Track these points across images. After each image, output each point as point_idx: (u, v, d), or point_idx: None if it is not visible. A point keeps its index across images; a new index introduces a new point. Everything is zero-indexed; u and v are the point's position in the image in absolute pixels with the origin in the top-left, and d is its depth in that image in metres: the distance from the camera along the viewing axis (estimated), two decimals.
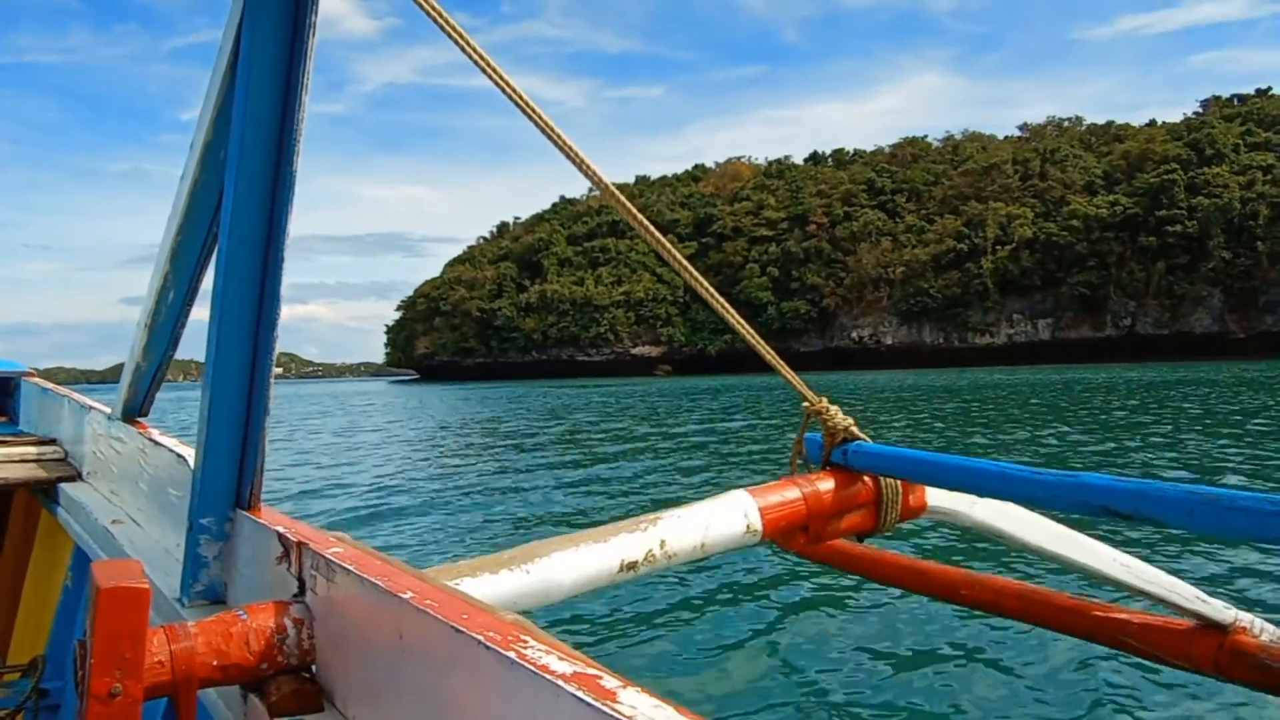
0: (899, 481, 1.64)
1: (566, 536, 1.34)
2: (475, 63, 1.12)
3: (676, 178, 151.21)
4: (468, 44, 1.11)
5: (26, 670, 2.09)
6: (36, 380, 3.52)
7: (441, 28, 1.10)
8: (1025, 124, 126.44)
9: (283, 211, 1.16)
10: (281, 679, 0.98)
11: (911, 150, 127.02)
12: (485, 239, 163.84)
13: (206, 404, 1.23)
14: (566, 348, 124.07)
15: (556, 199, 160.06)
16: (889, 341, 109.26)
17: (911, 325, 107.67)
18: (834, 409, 1.68)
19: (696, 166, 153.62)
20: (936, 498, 1.66)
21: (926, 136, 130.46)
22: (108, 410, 2.22)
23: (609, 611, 5.05)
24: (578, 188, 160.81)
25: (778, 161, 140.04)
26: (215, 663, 0.95)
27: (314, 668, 1.01)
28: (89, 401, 2.60)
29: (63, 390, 3.09)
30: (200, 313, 1.54)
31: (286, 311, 1.25)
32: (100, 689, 0.85)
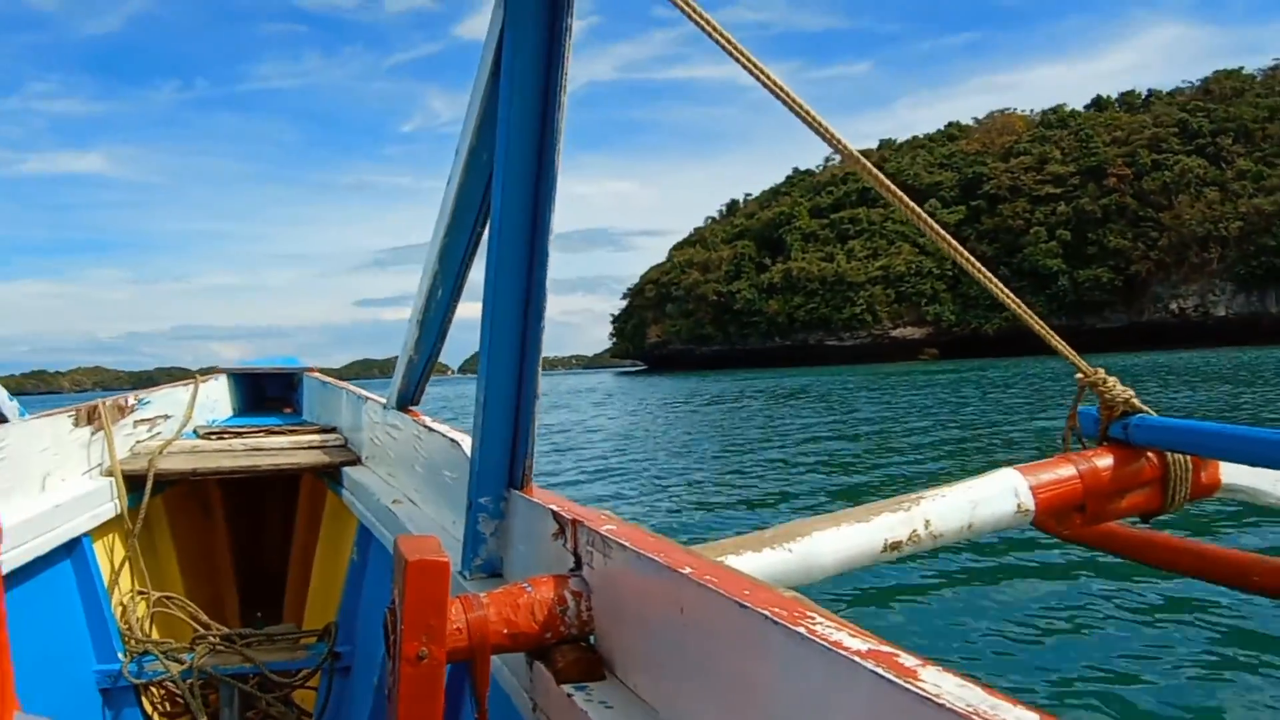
0: (1188, 457, 1.73)
1: (828, 515, 1.53)
2: (713, 38, 1.26)
3: (929, 138, 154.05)
4: (704, 19, 1.26)
5: (322, 635, 2.88)
6: (316, 375, 4.54)
7: (680, 8, 1.24)
8: None
9: (545, 210, 1.37)
10: (565, 647, 1.18)
11: (1230, 84, 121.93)
12: (714, 219, 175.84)
13: (482, 392, 1.48)
14: (815, 331, 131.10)
15: (790, 171, 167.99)
16: (1220, 313, 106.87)
17: (1252, 293, 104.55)
18: (1112, 380, 1.78)
19: (951, 124, 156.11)
20: (1232, 474, 1.76)
21: (1243, 68, 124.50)
22: (382, 400, 2.81)
23: (864, 588, 5.63)
24: (789, 166, 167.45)
25: (1054, 110, 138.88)
26: (505, 630, 1.16)
27: (592, 638, 1.21)
28: (364, 393, 3.32)
29: (340, 383, 3.94)
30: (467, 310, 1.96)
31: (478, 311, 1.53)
32: (410, 652, 1.05)
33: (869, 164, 1.51)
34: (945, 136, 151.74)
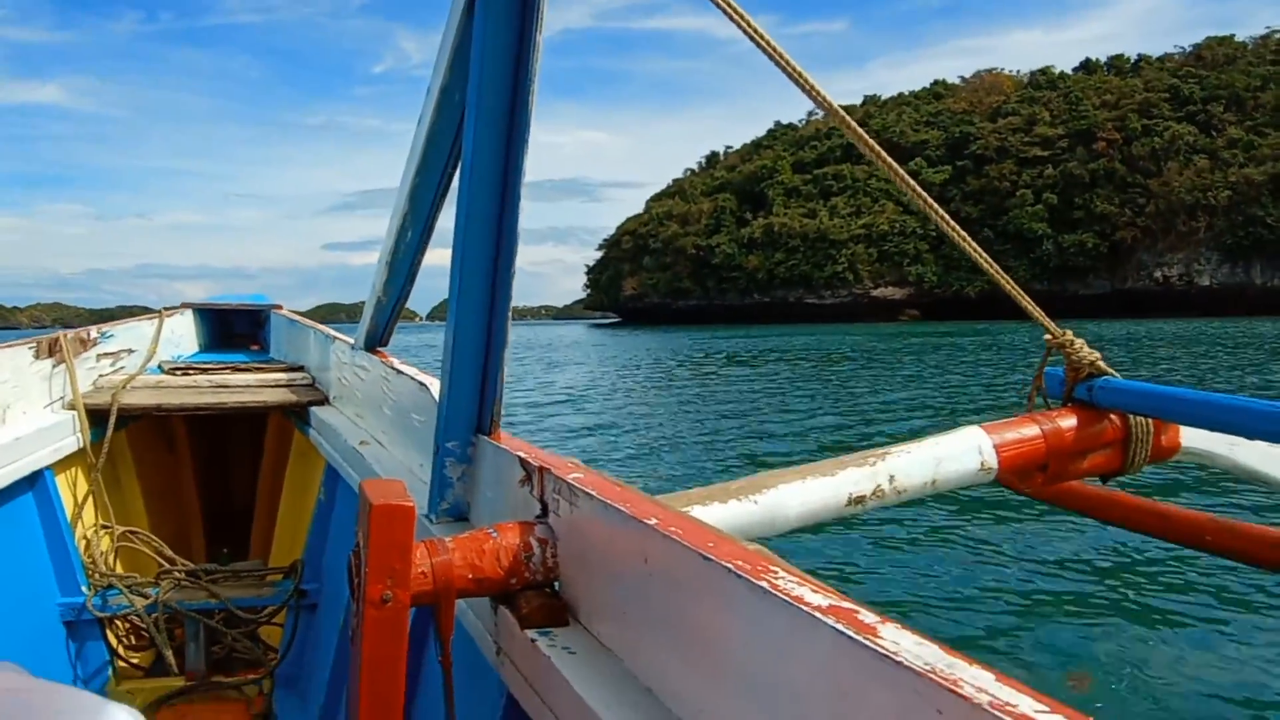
0: (1150, 420, 1.80)
1: (794, 469, 1.58)
2: None
3: (915, 95, 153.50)
4: None
5: (288, 573, 2.98)
6: (284, 312, 4.58)
7: None
8: None
9: (519, 152, 1.37)
10: (530, 593, 1.22)
11: (1223, 51, 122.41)
12: (693, 171, 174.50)
13: (450, 335, 1.51)
14: (795, 289, 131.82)
15: (771, 125, 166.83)
16: (1205, 282, 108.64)
17: (1237, 263, 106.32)
18: (1079, 342, 1.85)
19: (937, 83, 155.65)
20: (1192, 438, 1.83)
21: (1234, 36, 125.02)
22: (350, 340, 2.89)
23: (825, 541, 5.80)
24: (765, 121, 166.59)
25: (1043, 71, 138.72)
26: (470, 575, 1.19)
27: (557, 584, 1.25)
28: (332, 332, 3.37)
29: (308, 322, 3.98)
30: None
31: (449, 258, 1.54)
32: (374, 595, 1.08)
33: (850, 119, 1.53)
34: (931, 95, 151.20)
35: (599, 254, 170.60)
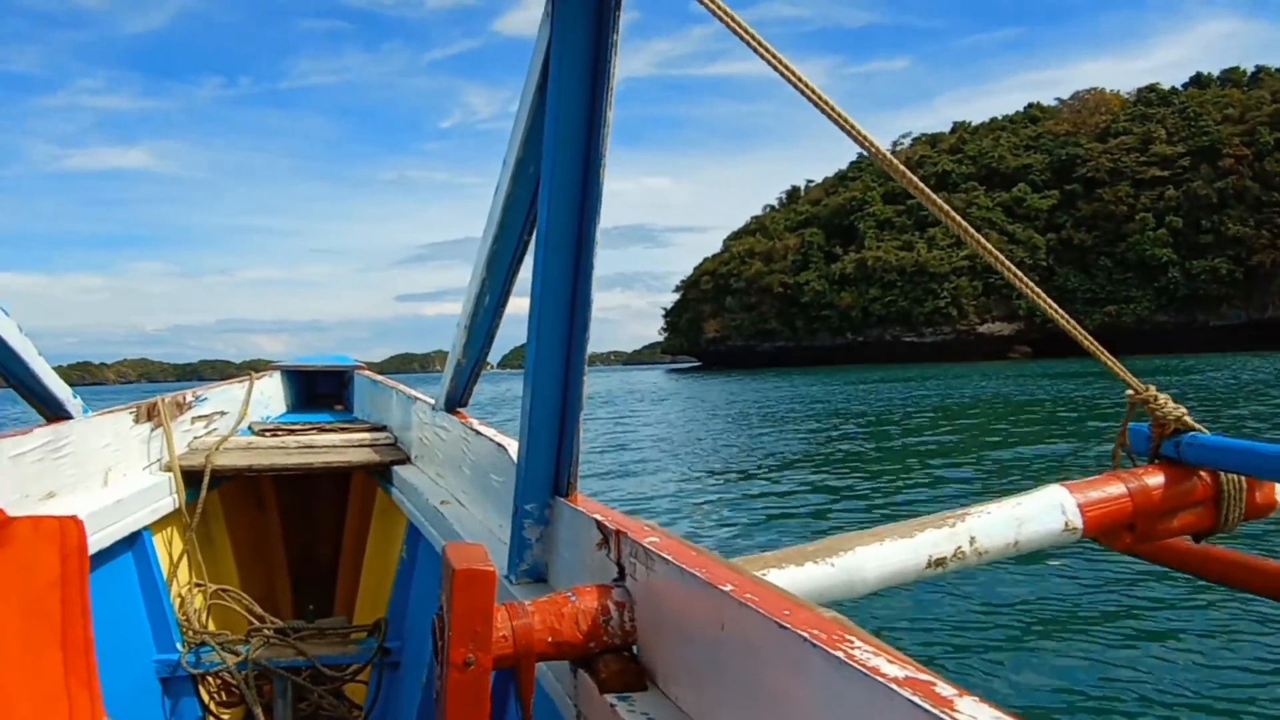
0: (1243, 477, 1.83)
1: (870, 531, 1.64)
2: (741, 37, 1.35)
3: (1009, 119, 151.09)
4: (731, 18, 1.34)
5: (372, 630, 3.14)
6: (367, 373, 4.90)
7: (707, 7, 1.32)
8: None
9: (591, 223, 1.49)
10: (608, 657, 1.27)
11: None
12: (773, 207, 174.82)
13: (528, 399, 1.61)
14: (892, 326, 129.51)
15: (855, 157, 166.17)
16: None
17: None
18: (1163, 397, 1.89)
19: (1032, 105, 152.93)
20: None
21: None
22: (431, 401, 3.09)
23: (910, 605, 5.78)
24: (828, 162, 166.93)
25: (1150, 88, 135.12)
26: (550, 639, 1.26)
27: (635, 648, 1.30)
28: (414, 393, 3.62)
29: (390, 382, 4.23)
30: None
31: (523, 306, 1.68)
32: (457, 658, 1.15)
33: (897, 161, 1.59)
34: (1027, 118, 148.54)
35: (672, 297, 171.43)
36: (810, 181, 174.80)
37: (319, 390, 5.48)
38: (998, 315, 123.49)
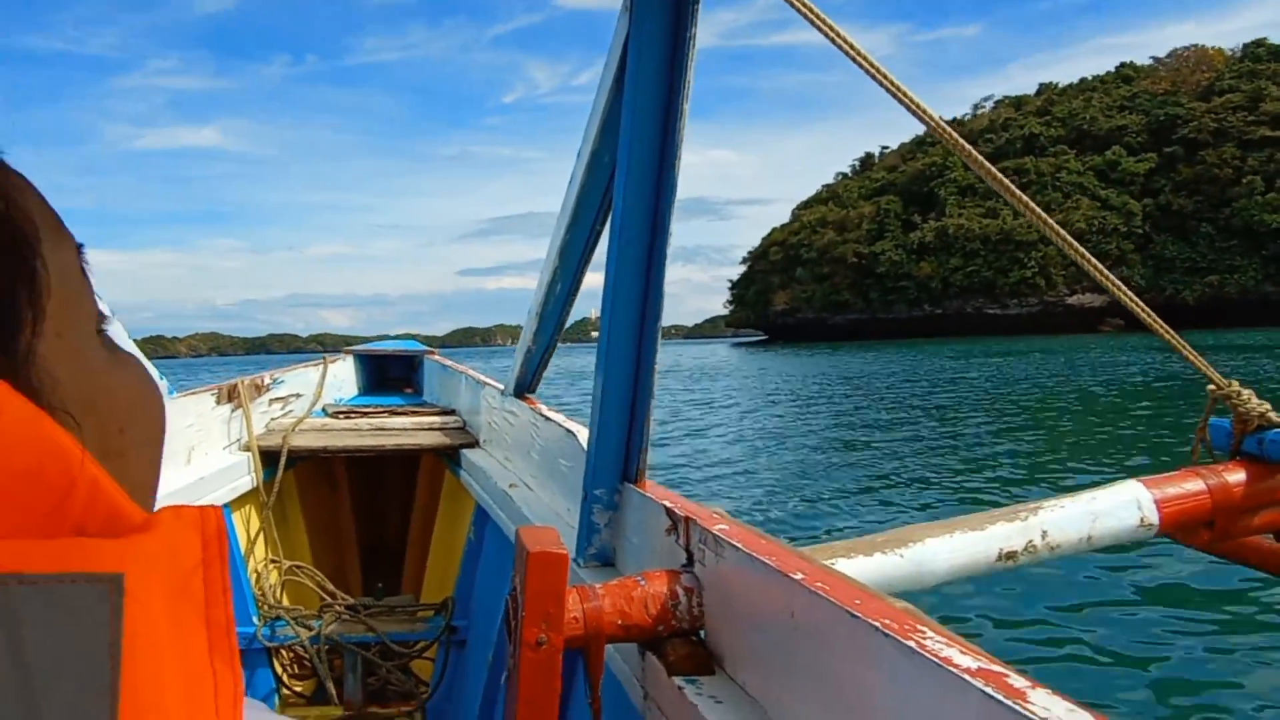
0: None
1: (941, 522, 1.68)
2: (797, 8, 1.36)
3: (1100, 79, 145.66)
4: None
5: (439, 609, 3.34)
6: (437, 358, 5.07)
7: None
8: None
9: (665, 215, 1.56)
10: (676, 641, 1.33)
11: None
12: (846, 175, 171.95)
13: (599, 386, 1.70)
14: (974, 298, 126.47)
15: (939, 116, 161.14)
16: None
17: None
18: (1247, 392, 1.89)
19: (1124, 65, 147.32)
20: None
21: None
22: (500, 386, 3.26)
23: (977, 594, 5.89)
24: (897, 136, 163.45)
25: (1258, 43, 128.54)
26: (620, 622, 1.32)
27: (702, 633, 1.36)
28: (483, 377, 3.77)
29: (459, 367, 4.41)
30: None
31: (592, 279, 1.84)
32: (530, 638, 1.22)
33: (956, 135, 1.59)
34: (1119, 78, 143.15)
35: (734, 270, 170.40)
36: (885, 148, 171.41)
37: (390, 374, 5.73)
38: (1088, 286, 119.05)
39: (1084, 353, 40.38)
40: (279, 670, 3.32)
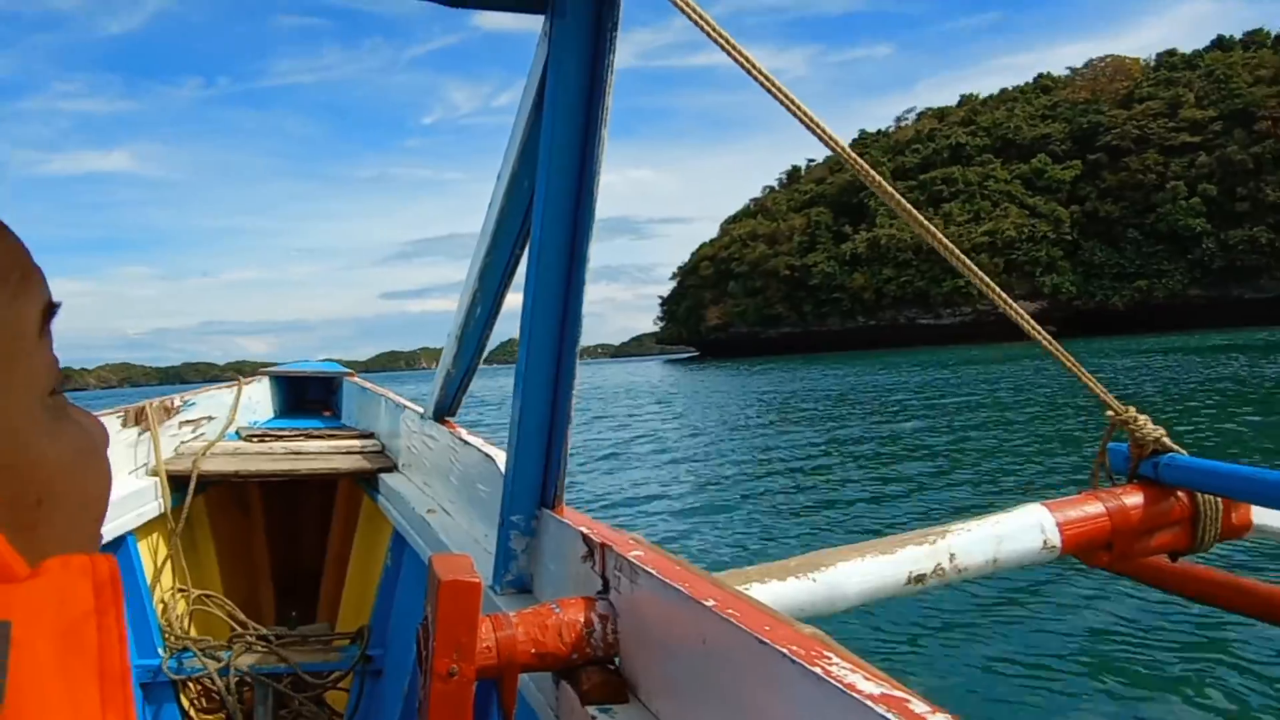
0: (1219, 498, 1.96)
1: (852, 546, 1.77)
2: (707, 34, 1.46)
3: (1020, 90, 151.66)
4: (700, 16, 1.45)
5: (355, 638, 3.32)
6: (356, 380, 5.14)
7: (677, 6, 1.43)
8: None
9: (584, 240, 1.61)
10: (591, 669, 1.36)
11: None
12: (773, 188, 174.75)
13: (517, 411, 1.72)
14: (908, 308, 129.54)
15: (855, 134, 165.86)
16: None
17: None
18: (1143, 418, 2.01)
19: (1042, 76, 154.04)
20: (1264, 516, 2.00)
21: None
22: (419, 409, 3.25)
23: (890, 620, 6.13)
24: (810, 152, 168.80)
25: (1170, 52, 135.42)
26: (533, 650, 1.34)
27: (617, 660, 1.39)
28: (403, 400, 3.82)
29: (379, 389, 4.44)
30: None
31: (513, 299, 1.89)
32: (441, 668, 1.23)
33: (857, 157, 1.71)
34: (1038, 88, 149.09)
35: (660, 288, 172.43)
36: (811, 160, 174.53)
37: (308, 396, 5.68)
38: (1020, 294, 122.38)
39: (1009, 365, 41.54)
40: (185, 704, 3.27)
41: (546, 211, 1.62)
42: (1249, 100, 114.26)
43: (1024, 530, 1.86)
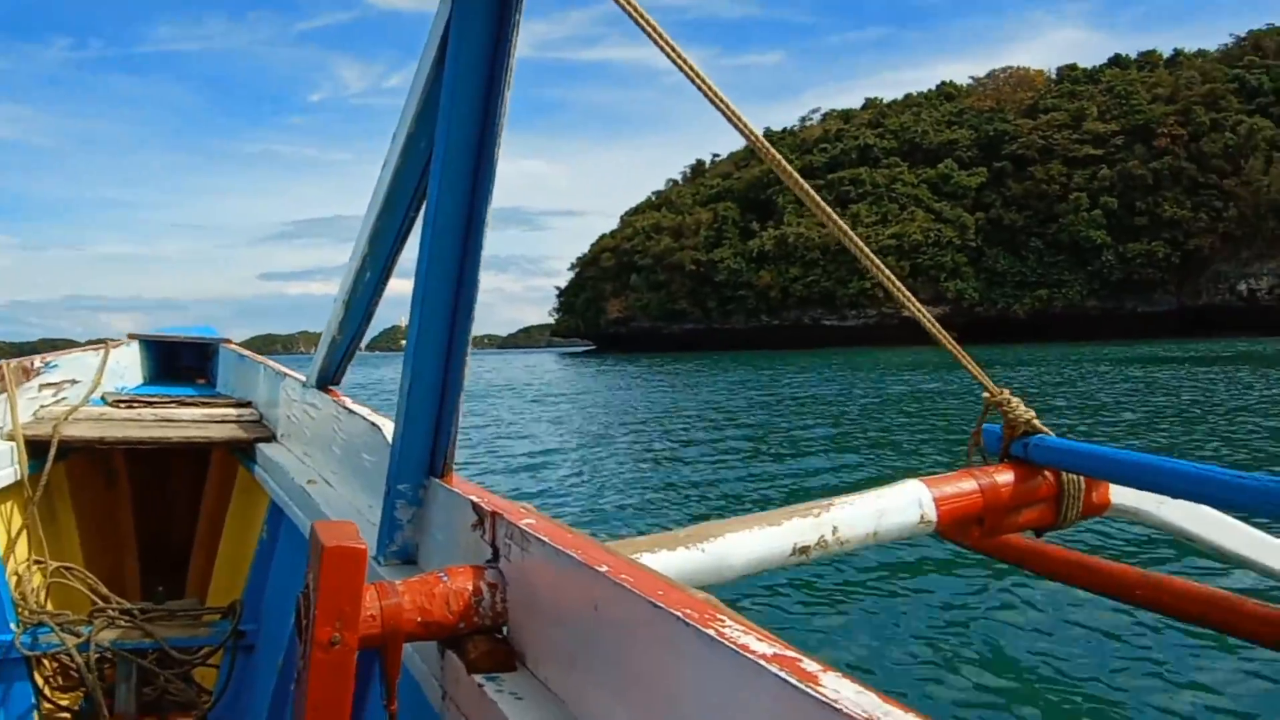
0: (1081, 477, 2.13)
1: (740, 518, 1.84)
2: (634, 19, 1.49)
3: (924, 96, 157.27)
4: (629, 3, 1.47)
5: (226, 613, 3.33)
6: (233, 347, 5.08)
7: None
8: None
9: (483, 202, 1.61)
10: (478, 638, 1.39)
11: (1277, 41, 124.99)
12: (677, 181, 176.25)
13: (408, 377, 1.73)
14: (813, 309, 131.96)
15: (761, 131, 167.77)
16: None
17: None
18: (1015, 401, 2.17)
19: (945, 84, 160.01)
20: (1121, 495, 2.17)
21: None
22: (301, 377, 3.24)
23: (771, 591, 6.71)
24: (707, 148, 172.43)
25: (1071, 67, 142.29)
26: (419, 619, 1.36)
27: (505, 629, 1.43)
28: (283, 369, 3.75)
29: (258, 357, 4.42)
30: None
31: (400, 288, 1.82)
32: (322, 637, 1.23)
33: (779, 155, 1.78)
34: (941, 95, 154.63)
35: (550, 281, 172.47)
36: (716, 155, 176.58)
37: (182, 363, 5.58)
38: (924, 298, 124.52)
39: (908, 370, 43.02)
40: (40, 682, 3.22)
41: (444, 172, 1.62)
42: (1149, 117, 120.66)
43: (903, 505, 1.99)
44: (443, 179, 1.63)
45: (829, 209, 1.89)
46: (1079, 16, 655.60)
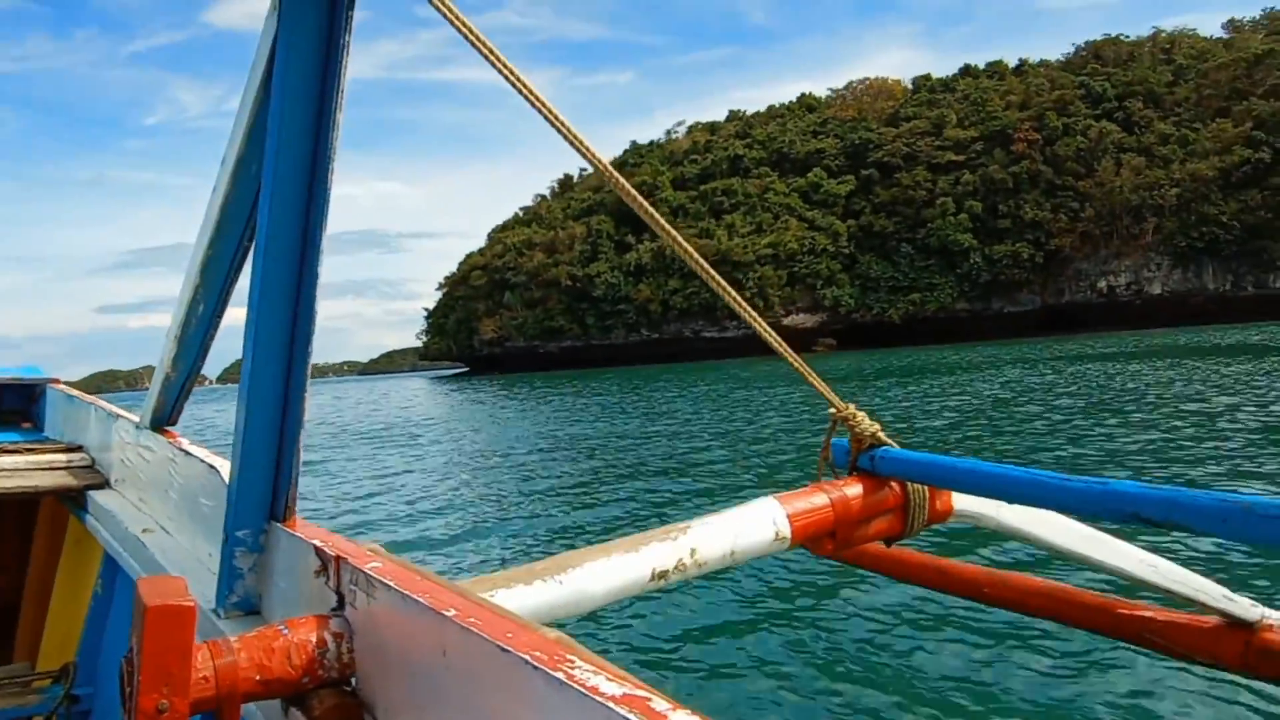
0: (926, 487, 2.24)
1: (598, 546, 1.85)
2: (470, 42, 1.51)
3: (786, 107, 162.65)
4: (463, 24, 1.50)
5: (58, 677, 3.17)
6: (62, 387, 4.77)
7: (439, 10, 1.48)
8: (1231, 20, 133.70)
9: (317, 227, 1.58)
10: (323, 692, 1.35)
11: (1114, 50, 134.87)
12: (545, 197, 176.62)
13: (242, 416, 1.67)
14: (694, 321, 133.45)
15: (628, 144, 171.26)
16: (1157, 290, 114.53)
17: (1189, 267, 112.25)
18: (860, 415, 2.28)
19: (805, 95, 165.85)
20: (963, 502, 2.28)
21: (1122, 35, 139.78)
22: (135, 419, 3.07)
23: (636, 619, 7.00)
24: (560, 169, 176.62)
25: (925, 77, 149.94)
26: (258, 677, 1.31)
27: (354, 681, 1.39)
28: (116, 410, 3.53)
29: (89, 398, 4.14)
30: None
31: (242, 317, 1.76)
32: (148, 705, 1.17)
33: (619, 176, 1.84)
34: (802, 107, 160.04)
35: (410, 304, 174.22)
36: (584, 170, 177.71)
37: (3, 406, 5.16)
38: (801, 306, 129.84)
39: (781, 383, 43.94)
40: None
41: (275, 198, 1.58)
42: (1005, 123, 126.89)
43: (758, 523, 2.01)
44: (274, 203, 1.58)
45: (669, 227, 1.99)
46: (906, 38, 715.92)
